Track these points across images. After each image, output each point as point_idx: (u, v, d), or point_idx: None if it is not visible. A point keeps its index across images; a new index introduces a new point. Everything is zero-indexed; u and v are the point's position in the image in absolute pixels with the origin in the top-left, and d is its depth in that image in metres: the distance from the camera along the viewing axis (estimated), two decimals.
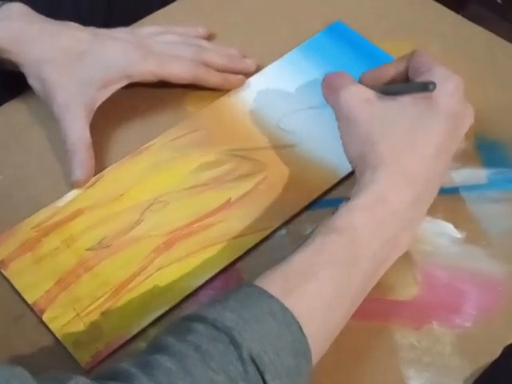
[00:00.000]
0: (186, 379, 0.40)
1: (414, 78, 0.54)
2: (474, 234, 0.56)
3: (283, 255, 0.49)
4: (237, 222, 0.57)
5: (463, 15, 0.70)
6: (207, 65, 0.64)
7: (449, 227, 0.56)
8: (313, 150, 0.61)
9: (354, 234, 0.48)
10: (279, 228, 0.57)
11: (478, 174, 0.59)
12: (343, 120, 0.55)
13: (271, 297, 0.45)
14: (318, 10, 0.70)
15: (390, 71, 0.56)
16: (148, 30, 0.66)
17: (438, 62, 0.53)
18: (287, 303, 0.44)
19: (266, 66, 0.66)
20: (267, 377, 0.42)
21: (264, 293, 0.45)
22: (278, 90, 0.65)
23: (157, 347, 0.43)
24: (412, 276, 0.54)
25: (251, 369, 0.42)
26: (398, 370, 0.50)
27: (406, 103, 0.52)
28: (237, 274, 0.55)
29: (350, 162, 0.54)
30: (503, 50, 0.67)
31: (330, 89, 0.57)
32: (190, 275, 0.54)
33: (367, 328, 0.52)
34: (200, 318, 0.44)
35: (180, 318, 0.46)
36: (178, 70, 0.62)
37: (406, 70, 0.55)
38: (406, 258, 0.53)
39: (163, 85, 0.64)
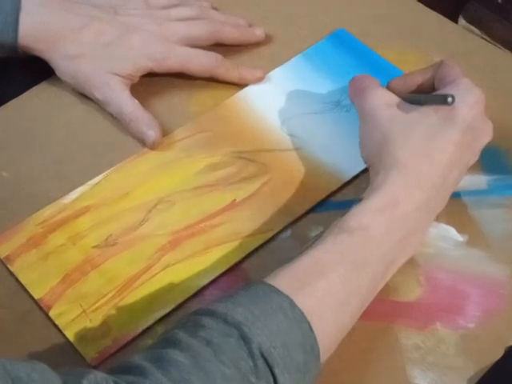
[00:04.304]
0: (199, 374, 0.41)
1: (439, 87, 0.55)
2: (476, 237, 0.57)
3: (289, 256, 0.49)
4: (242, 223, 0.57)
5: (463, 15, 0.71)
6: (222, 41, 0.67)
7: (451, 231, 0.57)
8: (316, 154, 0.61)
9: (366, 234, 0.48)
10: (284, 229, 0.57)
11: (478, 180, 0.60)
12: (364, 120, 0.56)
13: (281, 294, 0.45)
14: (322, 18, 0.71)
15: (418, 79, 0.57)
16: (163, 0, 0.68)
17: (464, 74, 0.55)
18: (297, 301, 0.45)
19: (271, 71, 0.67)
20: (276, 371, 0.42)
21: (274, 290, 0.45)
22: (282, 95, 0.65)
23: (168, 341, 0.43)
24: (415, 278, 0.55)
25: (261, 363, 0.42)
26: (403, 369, 0.50)
27: (427, 110, 0.53)
28: (243, 274, 0.55)
29: (366, 162, 0.55)
30: (503, 59, 0.69)
31: (356, 89, 0.58)
32: (195, 274, 0.54)
33: (372, 328, 0.52)
34: (210, 313, 0.44)
35: (190, 312, 0.46)
36: (196, 71, 0.65)
37: (433, 79, 0.56)
38: (410, 261, 0.54)
39: (168, 86, 0.65)
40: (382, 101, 0.55)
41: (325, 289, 0.46)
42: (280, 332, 0.43)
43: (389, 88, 0.58)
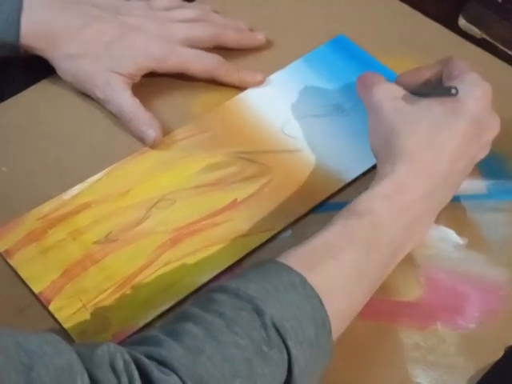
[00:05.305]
0: (213, 343, 0.42)
1: (446, 81, 0.56)
2: (476, 240, 0.57)
3: None
4: (242, 222, 0.57)
5: (463, 15, 0.72)
6: (224, 44, 0.68)
7: (451, 233, 0.57)
8: (317, 156, 0.62)
9: (374, 218, 0.49)
10: (285, 229, 0.57)
11: (478, 185, 0.60)
12: (372, 113, 0.57)
13: (292, 271, 0.46)
14: (322, 24, 0.72)
15: (426, 74, 0.59)
16: (165, 2, 0.68)
17: (472, 68, 0.56)
18: (308, 279, 0.46)
19: (271, 74, 0.68)
20: (289, 342, 0.43)
21: (285, 267, 0.46)
22: (283, 97, 0.66)
23: (182, 317, 0.44)
24: (416, 279, 0.55)
25: (273, 334, 0.43)
26: (404, 368, 0.50)
27: (433, 102, 0.54)
28: None
29: (374, 153, 0.56)
30: (500, 66, 0.70)
31: (363, 85, 0.59)
32: (195, 272, 0.54)
33: (374, 327, 0.52)
34: (222, 289, 0.45)
35: (202, 291, 0.47)
36: (197, 71, 0.65)
37: (441, 74, 0.57)
38: (411, 262, 0.54)
39: (170, 87, 0.65)
40: (389, 94, 0.56)
41: (335, 269, 0.47)
42: (291, 306, 0.44)
43: (397, 82, 0.58)
